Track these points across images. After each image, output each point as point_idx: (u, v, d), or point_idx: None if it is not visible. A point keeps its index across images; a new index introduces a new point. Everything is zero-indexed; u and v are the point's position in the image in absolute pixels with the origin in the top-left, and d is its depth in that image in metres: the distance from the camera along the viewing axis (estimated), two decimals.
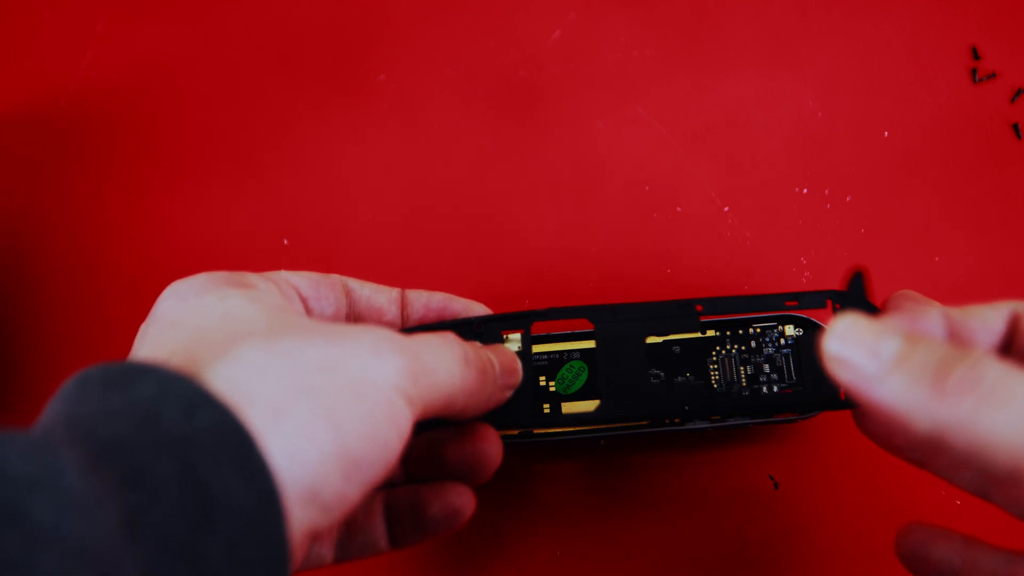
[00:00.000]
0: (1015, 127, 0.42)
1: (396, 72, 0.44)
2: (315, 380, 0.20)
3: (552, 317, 0.30)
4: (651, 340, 0.38)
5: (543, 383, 0.38)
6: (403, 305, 0.30)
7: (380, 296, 0.30)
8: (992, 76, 0.43)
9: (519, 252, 0.42)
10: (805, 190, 0.42)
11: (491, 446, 0.29)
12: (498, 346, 0.29)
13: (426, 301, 0.31)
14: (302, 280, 0.28)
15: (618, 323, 0.29)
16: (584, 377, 0.38)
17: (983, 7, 0.44)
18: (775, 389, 0.38)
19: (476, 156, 0.43)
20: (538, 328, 0.33)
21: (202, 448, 0.18)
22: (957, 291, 0.40)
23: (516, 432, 0.37)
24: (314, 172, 0.43)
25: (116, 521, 0.17)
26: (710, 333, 0.38)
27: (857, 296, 0.24)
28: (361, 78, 0.44)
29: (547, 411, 0.38)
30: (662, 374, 0.38)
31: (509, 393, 0.29)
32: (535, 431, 0.37)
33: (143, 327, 0.24)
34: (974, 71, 0.43)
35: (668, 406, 0.28)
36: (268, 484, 0.19)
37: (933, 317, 0.25)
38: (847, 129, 0.43)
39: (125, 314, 0.42)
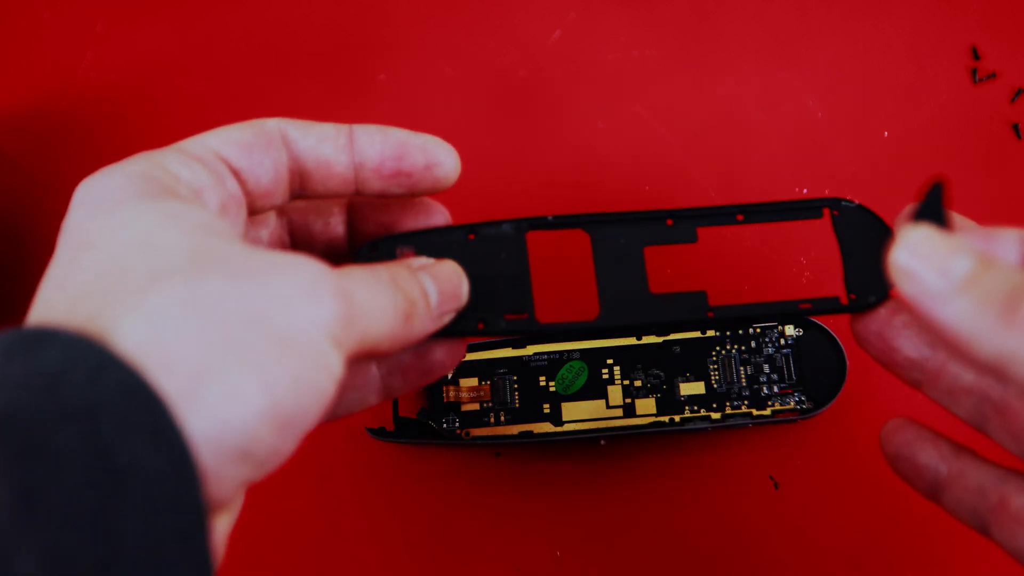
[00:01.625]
0: (1015, 127, 0.42)
1: (396, 72, 0.44)
2: (243, 335, 0.19)
3: (546, 227, 0.28)
4: (649, 340, 0.38)
5: (543, 383, 0.38)
6: (351, 151, 0.27)
7: (326, 146, 0.26)
8: (992, 76, 0.43)
9: None
10: (805, 190, 0.42)
11: (461, 345, 0.27)
12: (443, 265, 0.26)
13: (380, 147, 0.27)
14: (232, 148, 0.25)
15: (616, 233, 0.27)
16: (584, 377, 0.38)
17: (983, 7, 0.44)
18: (775, 389, 0.38)
19: (476, 156, 0.43)
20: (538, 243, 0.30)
21: (108, 414, 0.17)
22: None
23: (516, 433, 0.37)
24: None
25: (7, 501, 0.16)
26: (710, 333, 0.38)
27: (933, 208, 0.23)
28: (361, 78, 0.44)
29: (547, 411, 0.38)
30: (662, 374, 0.38)
31: (448, 319, 0.25)
32: (535, 431, 0.37)
33: (59, 240, 0.22)
34: (974, 71, 0.43)
35: (665, 315, 0.26)
36: (180, 448, 0.17)
37: (1009, 240, 0.24)
38: (847, 129, 0.43)
39: None
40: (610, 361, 0.38)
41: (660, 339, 0.38)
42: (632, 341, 0.38)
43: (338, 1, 0.46)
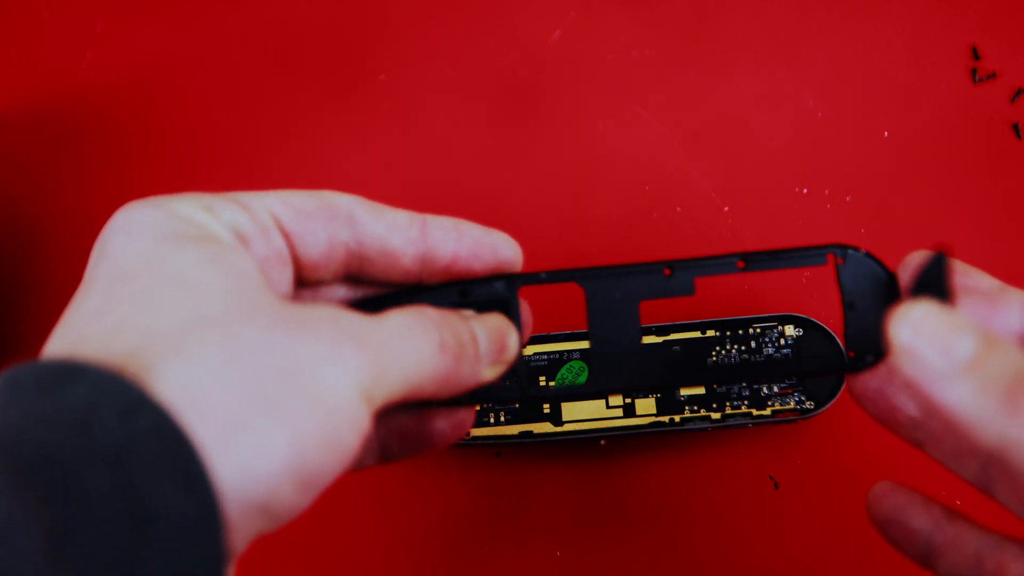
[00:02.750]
0: (1015, 127, 0.42)
1: (396, 72, 0.44)
2: (276, 389, 0.19)
3: (538, 282, 0.28)
4: (649, 340, 0.38)
5: (543, 383, 0.38)
6: (423, 245, 0.25)
7: (396, 236, 0.24)
8: (992, 76, 0.43)
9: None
10: (805, 190, 0.42)
11: (468, 416, 0.27)
12: (490, 316, 0.25)
13: (455, 244, 0.26)
14: (288, 210, 0.24)
15: (610, 286, 0.26)
16: (584, 377, 0.38)
17: (983, 7, 0.44)
18: (775, 389, 0.38)
19: (476, 156, 0.43)
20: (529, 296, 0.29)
21: (139, 456, 0.17)
22: None
23: (516, 433, 0.37)
24: (314, 172, 0.43)
25: (41, 543, 0.16)
26: (710, 333, 0.38)
27: (936, 279, 0.22)
28: (361, 78, 0.44)
29: (547, 411, 0.38)
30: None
31: (497, 372, 0.25)
32: (535, 431, 0.37)
33: (93, 262, 0.22)
34: (974, 71, 0.43)
35: (661, 377, 0.26)
36: (208, 495, 0.17)
37: (1014, 307, 0.23)
38: (847, 129, 0.43)
39: None
40: None
41: (660, 339, 0.38)
42: None
43: (338, 1, 0.46)
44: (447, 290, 0.26)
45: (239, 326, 0.20)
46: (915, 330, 0.20)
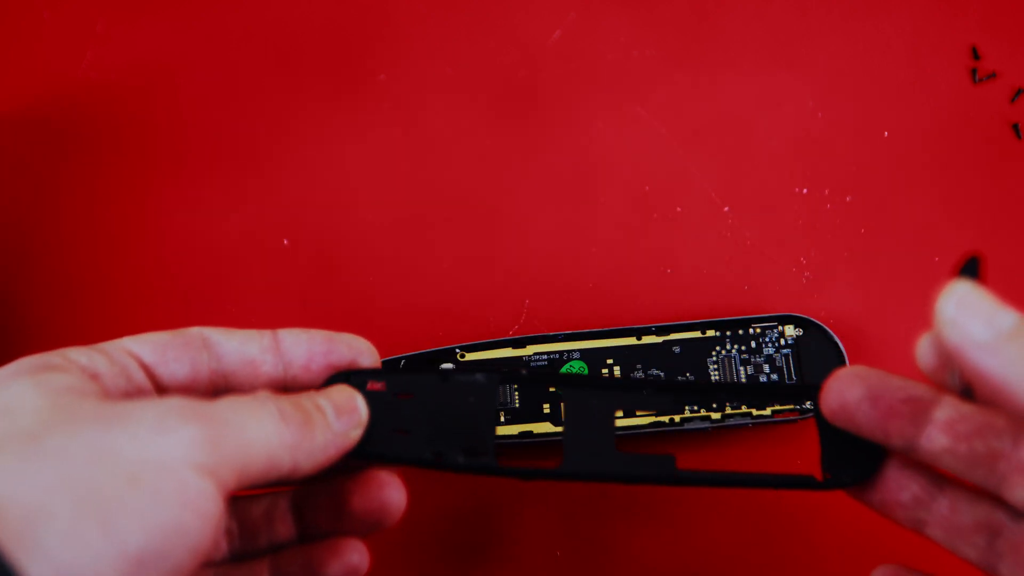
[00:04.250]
0: (1015, 127, 0.42)
1: (396, 72, 0.44)
2: (81, 474, 0.18)
3: (519, 381, 0.29)
4: (649, 340, 0.38)
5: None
6: (279, 352, 0.27)
7: (251, 346, 0.26)
8: (992, 76, 0.43)
9: (519, 252, 0.42)
10: (805, 190, 0.42)
11: (394, 493, 0.27)
12: (330, 388, 0.26)
13: (307, 346, 0.27)
14: (144, 346, 0.25)
15: (588, 396, 0.28)
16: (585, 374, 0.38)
17: (983, 7, 0.44)
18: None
19: (476, 156, 0.43)
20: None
21: None
22: None
23: (516, 433, 0.37)
24: (314, 172, 0.43)
25: None
26: (710, 333, 0.38)
27: (970, 276, 0.24)
28: (361, 78, 0.44)
29: (547, 411, 0.38)
30: (662, 375, 0.38)
31: (355, 434, 0.26)
32: (535, 431, 0.37)
33: None
34: (974, 71, 0.43)
35: (630, 474, 0.27)
36: None
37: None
38: (847, 129, 0.43)
39: (125, 314, 0.42)
40: (610, 361, 0.38)
41: (660, 339, 0.38)
42: (632, 341, 0.38)
43: (338, 1, 0.46)
44: (430, 376, 0.27)
45: (49, 429, 0.19)
46: (960, 303, 0.21)
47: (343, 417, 0.25)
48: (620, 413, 0.28)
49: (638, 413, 0.37)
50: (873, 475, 0.26)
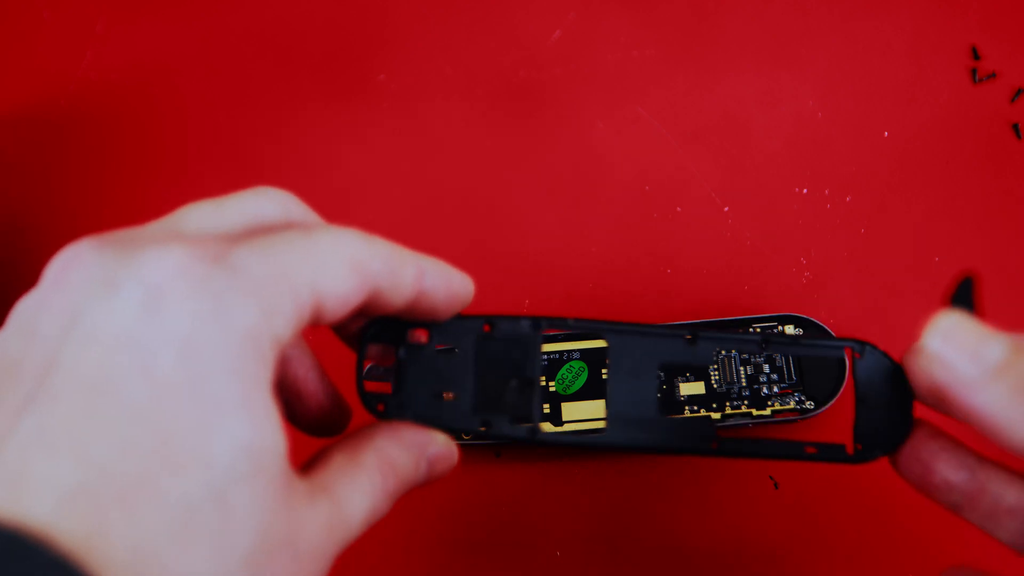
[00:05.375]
0: (1015, 127, 0.42)
1: (396, 72, 0.44)
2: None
3: (564, 328, 0.28)
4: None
5: (543, 383, 0.38)
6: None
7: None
8: (992, 76, 0.43)
9: (519, 252, 0.42)
10: (805, 190, 0.42)
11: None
12: (432, 439, 0.25)
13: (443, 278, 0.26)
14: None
15: (635, 344, 0.26)
16: (584, 377, 0.38)
17: (983, 7, 0.44)
18: (775, 389, 0.38)
19: (476, 156, 0.43)
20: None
21: None
22: None
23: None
24: (314, 172, 0.43)
25: None
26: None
27: (964, 300, 0.23)
28: (361, 78, 0.44)
29: (547, 411, 0.38)
30: (662, 375, 0.38)
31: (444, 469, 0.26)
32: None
33: (53, 330, 0.20)
34: (974, 71, 0.43)
35: (671, 442, 0.26)
36: None
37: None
38: (847, 129, 0.43)
39: None
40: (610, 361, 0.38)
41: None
42: None
43: (338, 1, 0.46)
44: (473, 321, 0.26)
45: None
46: (946, 338, 0.20)
47: (438, 467, 0.25)
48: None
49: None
50: (901, 445, 0.25)
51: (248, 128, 0.44)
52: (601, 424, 0.37)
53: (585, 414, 0.37)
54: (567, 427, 0.37)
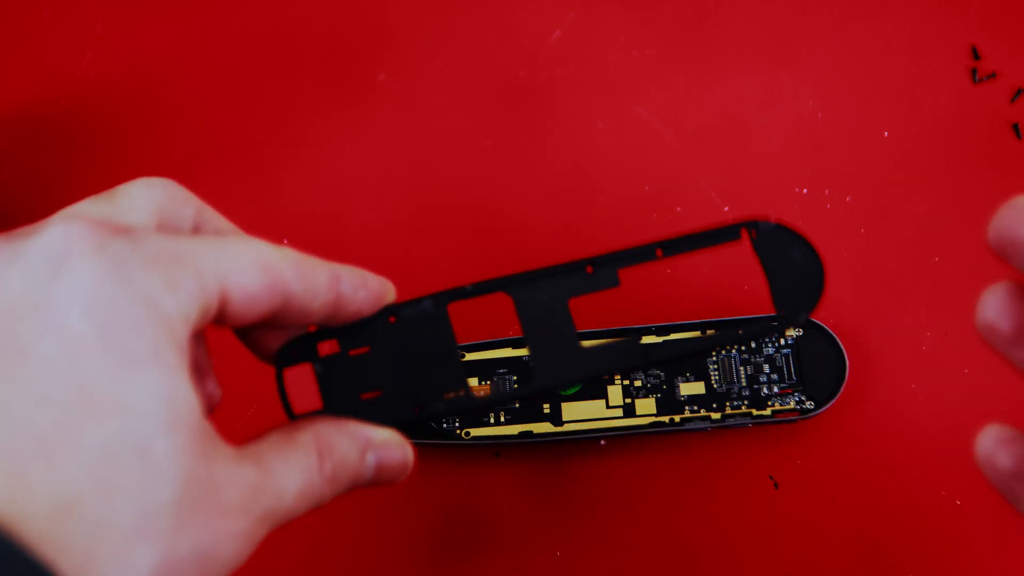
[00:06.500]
0: (1015, 127, 0.42)
1: (396, 72, 0.44)
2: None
3: (465, 296, 0.27)
4: (649, 340, 0.38)
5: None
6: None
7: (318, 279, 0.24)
8: (992, 76, 0.43)
9: (519, 252, 0.42)
10: (805, 190, 0.42)
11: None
12: (374, 431, 0.25)
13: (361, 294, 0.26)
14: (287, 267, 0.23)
15: (537, 290, 0.27)
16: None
17: (983, 7, 0.44)
18: (775, 389, 0.38)
19: (476, 156, 0.43)
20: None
21: None
22: (957, 291, 0.40)
23: (516, 433, 0.37)
24: (314, 172, 0.43)
25: None
26: (710, 333, 0.38)
27: None
28: (361, 78, 0.44)
29: (547, 411, 0.38)
30: (662, 375, 0.38)
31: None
32: (535, 431, 0.37)
33: (30, 307, 0.19)
34: (974, 71, 0.43)
35: (598, 368, 0.26)
36: None
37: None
38: (847, 129, 0.43)
39: None
40: None
41: (660, 339, 0.38)
42: None
43: (338, 1, 0.46)
44: (376, 317, 0.26)
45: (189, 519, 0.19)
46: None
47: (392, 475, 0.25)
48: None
49: (638, 413, 0.37)
50: (818, 299, 0.26)
51: (248, 128, 0.44)
52: (603, 423, 0.37)
53: (585, 414, 0.37)
54: (567, 427, 0.37)
